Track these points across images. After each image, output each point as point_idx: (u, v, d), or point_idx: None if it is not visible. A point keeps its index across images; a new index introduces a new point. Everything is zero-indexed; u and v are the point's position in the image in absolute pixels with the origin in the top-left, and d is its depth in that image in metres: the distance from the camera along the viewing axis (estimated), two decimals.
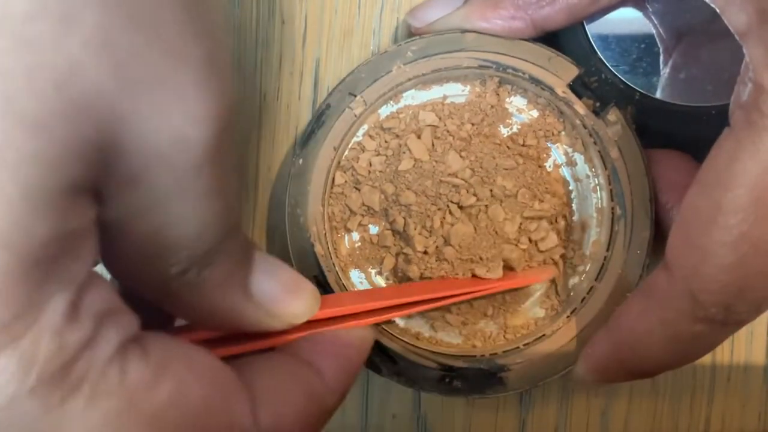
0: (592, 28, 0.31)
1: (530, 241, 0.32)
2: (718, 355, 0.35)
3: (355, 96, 0.31)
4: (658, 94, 0.31)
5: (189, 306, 0.22)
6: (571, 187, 0.33)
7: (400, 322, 0.32)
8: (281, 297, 0.24)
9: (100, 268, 0.21)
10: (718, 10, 0.24)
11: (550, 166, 0.33)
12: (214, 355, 0.21)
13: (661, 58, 0.31)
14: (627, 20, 0.31)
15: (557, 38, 0.31)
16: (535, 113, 0.32)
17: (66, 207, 0.17)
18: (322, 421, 0.24)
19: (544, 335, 0.31)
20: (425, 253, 0.31)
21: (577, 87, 0.31)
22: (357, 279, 0.33)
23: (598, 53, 0.31)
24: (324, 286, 0.31)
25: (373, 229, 0.32)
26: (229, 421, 0.21)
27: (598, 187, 0.32)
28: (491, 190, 0.31)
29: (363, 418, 0.35)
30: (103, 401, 0.18)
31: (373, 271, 0.33)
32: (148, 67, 0.17)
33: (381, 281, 0.33)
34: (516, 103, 0.32)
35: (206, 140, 0.19)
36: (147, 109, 0.17)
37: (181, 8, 0.18)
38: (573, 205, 0.33)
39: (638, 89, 0.31)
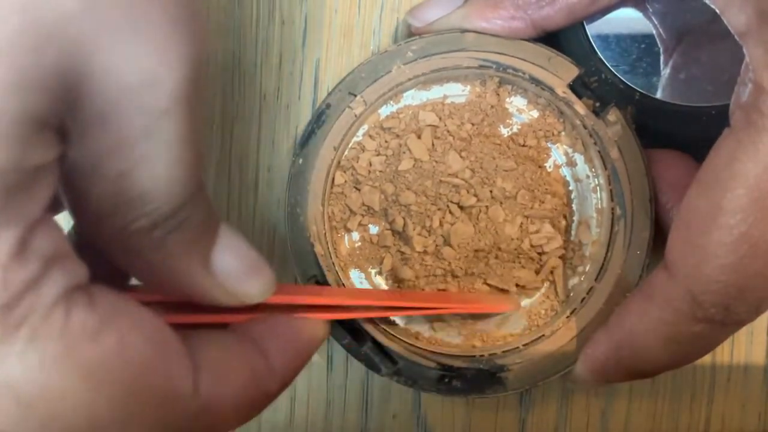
0: (592, 28, 0.31)
1: (531, 245, 0.32)
2: (718, 355, 0.35)
3: (355, 96, 0.31)
4: (658, 94, 0.31)
5: (146, 267, 0.22)
6: (571, 188, 0.33)
7: (400, 322, 0.32)
8: (239, 275, 0.23)
9: (60, 220, 0.21)
10: (718, 11, 0.24)
11: (550, 167, 0.33)
12: (163, 319, 0.21)
13: (662, 58, 0.31)
14: (627, 20, 0.31)
15: (557, 38, 0.31)
16: (535, 113, 0.32)
17: (24, 139, 0.16)
18: (261, 404, 0.24)
19: (543, 335, 0.31)
20: (424, 252, 0.31)
21: (577, 87, 0.31)
22: (357, 279, 0.33)
23: (598, 53, 0.31)
24: (323, 286, 0.31)
25: (373, 229, 0.33)
26: (167, 384, 0.20)
27: (598, 188, 0.32)
28: (491, 191, 0.31)
29: (363, 418, 0.35)
30: (42, 345, 0.17)
31: (373, 271, 0.33)
32: None
33: (381, 281, 0.33)
34: (516, 103, 0.32)
35: (178, 82, 0.18)
36: (116, 42, 0.17)
37: None
38: (573, 205, 0.33)
39: (638, 89, 0.31)
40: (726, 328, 0.26)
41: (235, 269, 0.23)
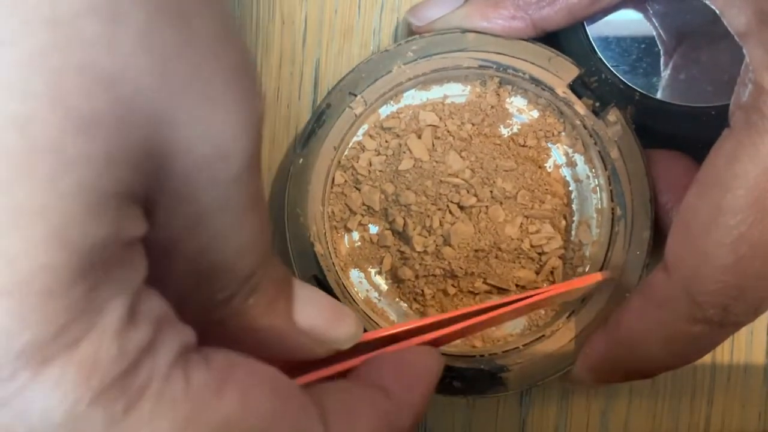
0: (593, 29, 0.31)
1: (531, 245, 0.32)
2: (718, 355, 0.35)
3: (356, 95, 0.31)
4: (658, 95, 0.31)
5: (234, 335, 0.21)
6: (571, 188, 0.33)
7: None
8: (325, 323, 0.23)
9: None
10: (717, 12, 0.24)
11: (550, 167, 0.33)
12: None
13: (662, 59, 0.31)
14: (627, 21, 0.31)
15: (557, 38, 0.31)
16: (535, 113, 0.32)
17: (120, 212, 0.16)
18: None
19: (543, 335, 0.31)
20: (424, 252, 0.31)
21: (577, 87, 0.31)
22: (356, 278, 0.33)
23: (598, 53, 0.31)
24: (324, 285, 0.31)
25: (373, 229, 0.33)
26: (299, 431, 0.20)
27: (598, 188, 0.32)
28: (491, 191, 0.31)
29: None
30: (168, 409, 0.17)
31: (372, 271, 0.33)
32: (192, 69, 0.17)
33: (380, 281, 0.33)
34: (516, 103, 0.32)
35: (246, 150, 0.18)
36: (191, 116, 0.17)
37: (217, 14, 0.18)
38: (573, 205, 0.33)
39: (638, 89, 0.31)
40: (724, 329, 0.26)
41: (319, 318, 0.23)
